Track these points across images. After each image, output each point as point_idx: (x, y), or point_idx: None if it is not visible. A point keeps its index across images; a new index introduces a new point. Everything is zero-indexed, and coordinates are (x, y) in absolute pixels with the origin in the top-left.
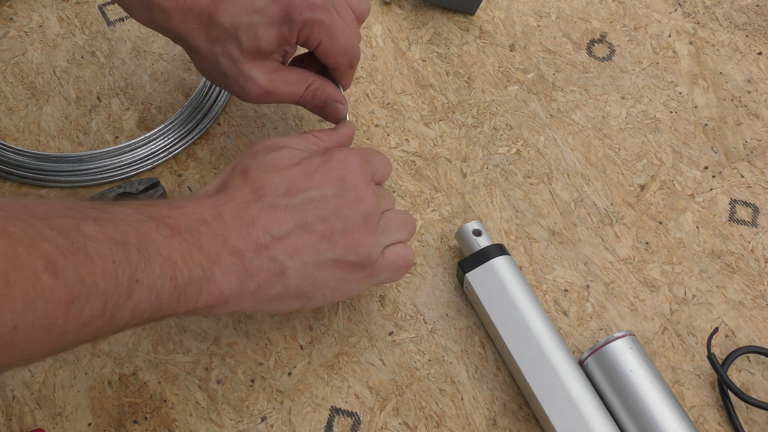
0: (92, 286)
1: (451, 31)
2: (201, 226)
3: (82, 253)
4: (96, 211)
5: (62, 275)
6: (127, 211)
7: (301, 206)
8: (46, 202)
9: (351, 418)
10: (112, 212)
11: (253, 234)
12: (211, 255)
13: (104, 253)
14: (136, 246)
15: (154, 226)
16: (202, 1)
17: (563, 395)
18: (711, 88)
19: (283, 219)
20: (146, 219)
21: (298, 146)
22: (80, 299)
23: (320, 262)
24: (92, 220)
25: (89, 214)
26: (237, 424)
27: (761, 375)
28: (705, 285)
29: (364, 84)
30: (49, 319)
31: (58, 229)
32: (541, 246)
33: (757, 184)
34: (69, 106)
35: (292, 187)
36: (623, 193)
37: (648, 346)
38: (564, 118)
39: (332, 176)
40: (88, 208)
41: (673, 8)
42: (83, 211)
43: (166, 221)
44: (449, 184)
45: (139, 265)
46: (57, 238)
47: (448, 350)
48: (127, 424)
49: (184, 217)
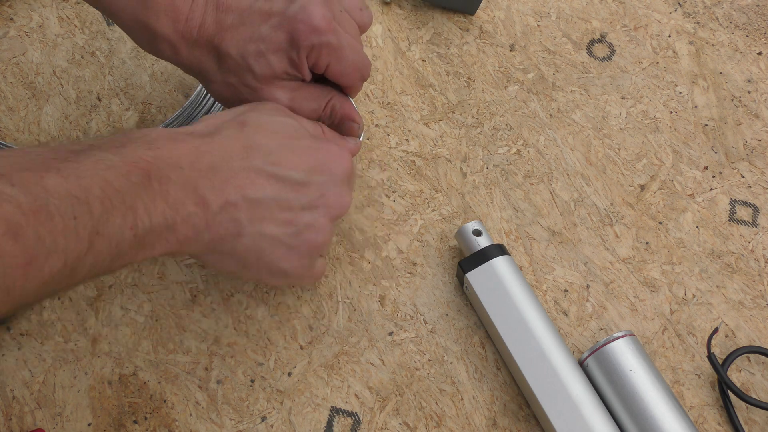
0: (52, 245)
1: (451, 31)
2: (173, 173)
3: (43, 211)
4: (60, 159)
5: (22, 238)
6: (97, 155)
7: (284, 182)
8: (8, 154)
9: (351, 418)
10: (80, 159)
11: (225, 189)
12: (176, 204)
13: (65, 210)
14: (100, 198)
15: (123, 171)
16: (207, 32)
17: (563, 395)
18: (711, 88)
19: (261, 186)
20: (117, 162)
21: (308, 126)
22: (39, 259)
23: (276, 241)
24: (55, 171)
25: (52, 164)
26: (237, 424)
27: (761, 375)
28: (705, 285)
29: (364, 84)
30: (7, 282)
31: (20, 186)
32: (541, 246)
33: (757, 184)
34: (69, 106)
35: (282, 159)
36: (623, 193)
37: (648, 346)
38: (564, 118)
39: (326, 168)
40: (50, 158)
41: (673, 8)
42: (47, 161)
43: (138, 165)
44: (449, 184)
45: (101, 217)
46: (19, 196)
47: (448, 350)
48: (127, 424)
49: (158, 161)
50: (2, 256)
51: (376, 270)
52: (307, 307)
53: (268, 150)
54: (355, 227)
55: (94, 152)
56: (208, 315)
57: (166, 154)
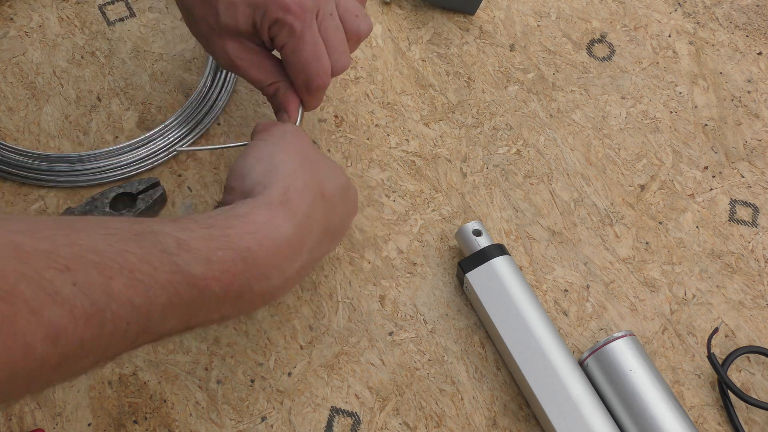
0: (92, 347)
1: (451, 31)
2: (248, 293)
3: (97, 318)
4: (138, 258)
5: (63, 342)
6: (181, 261)
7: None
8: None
9: (351, 418)
10: (158, 265)
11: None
12: (241, 304)
13: (121, 316)
14: (162, 306)
15: (201, 286)
16: None
17: (563, 395)
18: (711, 88)
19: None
20: (198, 275)
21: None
22: (73, 360)
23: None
24: (127, 274)
25: (126, 261)
26: (237, 424)
27: (761, 375)
28: (705, 285)
29: (364, 84)
30: (34, 380)
31: (82, 286)
32: (541, 246)
33: (757, 184)
34: (69, 106)
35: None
36: (623, 193)
37: (648, 346)
38: (564, 118)
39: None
40: (123, 250)
41: (673, 8)
42: (120, 254)
43: (221, 281)
44: (449, 184)
45: (156, 322)
46: (76, 298)
47: (448, 350)
48: (127, 424)
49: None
50: (34, 360)
51: (376, 270)
52: (307, 307)
53: (336, 230)
54: (355, 227)
55: (180, 255)
56: None
57: (261, 263)
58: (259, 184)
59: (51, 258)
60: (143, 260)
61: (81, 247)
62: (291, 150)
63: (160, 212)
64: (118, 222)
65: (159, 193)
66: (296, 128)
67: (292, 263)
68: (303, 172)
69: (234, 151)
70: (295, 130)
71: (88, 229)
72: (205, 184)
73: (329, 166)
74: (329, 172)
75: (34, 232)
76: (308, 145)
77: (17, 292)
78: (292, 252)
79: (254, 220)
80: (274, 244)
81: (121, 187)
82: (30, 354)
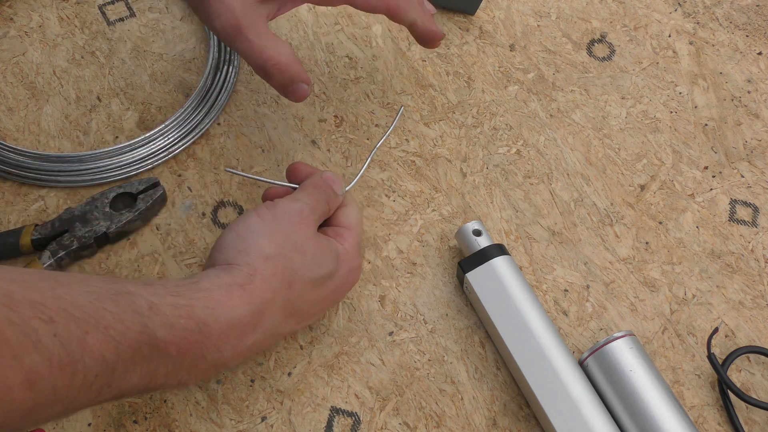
0: (63, 396)
1: (451, 31)
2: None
3: (70, 368)
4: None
5: (37, 388)
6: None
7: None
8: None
9: (351, 418)
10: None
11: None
12: (195, 372)
13: (90, 368)
14: (126, 362)
15: (162, 347)
16: None
17: (563, 395)
18: (711, 88)
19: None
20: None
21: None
22: (45, 406)
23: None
24: (102, 330)
25: (102, 318)
26: (237, 424)
27: (761, 375)
28: (705, 285)
29: (364, 84)
30: (7, 423)
31: (62, 337)
32: (541, 246)
33: (757, 184)
34: (69, 106)
35: (307, 313)
36: (623, 193)
37: (648, 346)
38: (564, 118)
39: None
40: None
41: (673, 8)
42: (98, 311)
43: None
44: (449, 184)
45: (120, 376)
46: (54, 348)
47: (448, 350)
48: (127, 424)
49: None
50: (11, 402)
51: (376, 270)
52: None
53: (301, 313)
54: None
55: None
56: None
57: (214, 337)
58: (230, 262)
59: (37, 308)
60: (117, 319)
61: (65, 301)
62: (277, 235)
63: (160, 212)
64: (98, 280)
65: (159, 193)
66: (300, 212)
67: (244, 340)
68: (277, 260)
69: (234, 152)
70: (299, 213)
71: (72, 284)
72: (205, 184)
73: (317, 256)
74: (312, 262)
75: (24, 282)
76: (302, 231)
77: (3, 337)
78: (245, 331)
79: (214, 297)
80: (227, 322)
81: (121, 187)
82: (7, 397)
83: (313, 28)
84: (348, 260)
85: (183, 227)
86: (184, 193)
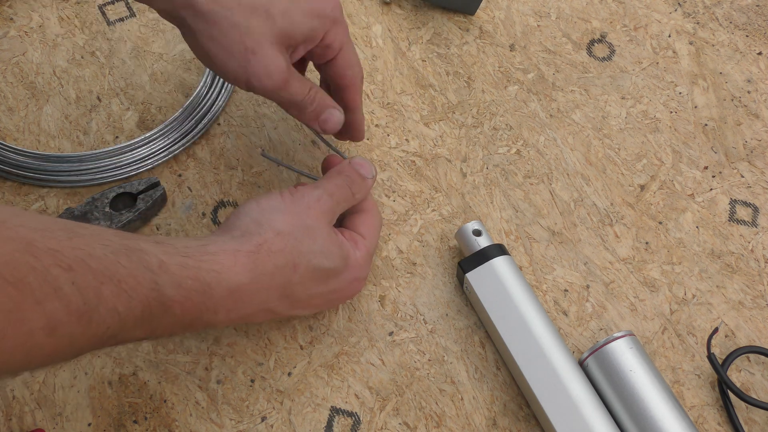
0: (77, 344)
1: (451, 31)
2: (210, 316)
3: (86, 317)
4: (127, 271)
5: (56, 335)
6: (159, 280)
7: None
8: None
9: (351, 418)
10: (141, 279)
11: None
12: (189, 329)
13: (104, 319)
14: (135, 318)
15: (167, 306)
16: None
17: (563, 395)
18: (711, 88)
19: (265, 317)
20: (169, 296)
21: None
22: (60, 352)
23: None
24: (116, 283)
25: (117, 271)
26: (237, 424)
27: (761, 375)
28: (705, 285)
29: (364, 84)
30: (27, 364)
31: (79, 286)
32: (541, 246)
33: (757, 184)
34: (69, 106)
35: (303, 303)
36: (623, 193)
37: (648, 346)
38: (564, 118)
39: (332, 304)
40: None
41: (673, 8)
42: (113, 265)
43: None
44: (449, 184)
45: (127, 330)
46: (73, 296)
47: (448, 350)
48: (127, 424)
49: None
50: (33, 347)
51: (376, 270)
52: None
53: (297, 299)
54: None
55: (160, 276)
56: None
57: (215, 300)
58: (243, 229)
59: (57, 257)
60: (130, 274)
61: (82, 251)
62: (293, 216)
63: (160, 212)
64: (111, 234)
65: (159, 193)
66: (319, 199)
67: (239, 308)
68: (287, 238)
69: (233, 152)
70: (317, 200)
71: (87, 236)
72: (205, 184)
73: (326, 246)
74: (320, 251)
75: (44, 231)
76: (317, 218)
77: (26, 282)
78: (242, 300)
79: (220, 260)
80: (228, 288)
81: (121, 187)
82: (29, 341)
83: None
84: (356, 268)
85: (183, 227)
86: (184, 193)
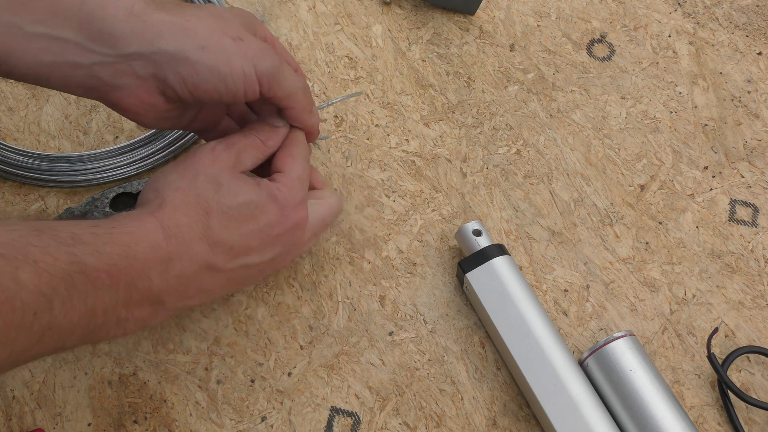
0: (4, 337)
1: (451, 31)
2: (141, 282)
3: (7, 305)
4: (40, 250)
5: None
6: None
7: (237, 270)
8: None
9: (351, 418)
10: (57, 254)
11: (186, 293)
12: (134, 307)
13: (29, 304)
14: (63, 298)
15: (93, 276)
16: None
17: (563, 395)
18: (711, 88)
19: (216, 280)
20: (91, 265)
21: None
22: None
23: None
24: (31, 264)
25: (30, 253)
26: (237, 424)
27: (761, 375)
28: (705, 285)
29: (364, 84)
30: None
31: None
32: (541, 246)
33: (757, 184)
34: (69, 106)
35: (241, 247)
36: (623, 193)
37: (648, 346)
38: (564, 118)
39: (283, 241)
40: (28, 243)
41: (673, 8)
42: (24, 247)
43: (110, 272)
44: (449, 184)
45: (59, 315)
46: None
47: (448, 350)
48: (127, 424)
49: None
50: None
51: (376, 270)
52: (307, 307)
53: (229, 243)
54: (355, 227)
55: (76, 246)
56: (208, 315)
57: (140, 261)
58: (143, 201)
59: None
60: (45, 252)
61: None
62: (188, 171)
63: None
64: (16, 221)
65: None
66: (213, 149)
67: (170, 267)
68: (187, 190)
69: None
70: (210, 151)
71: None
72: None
73: (233, 185)
74: (228, 191)
75: None
76: (215, 165)
77: None
78: (168, 256)
79: (129, 224)
80: (148, 245)
81: (121, 187)
82: None
83: (313, 28)
84: (283, 197)
85: None
86: None
